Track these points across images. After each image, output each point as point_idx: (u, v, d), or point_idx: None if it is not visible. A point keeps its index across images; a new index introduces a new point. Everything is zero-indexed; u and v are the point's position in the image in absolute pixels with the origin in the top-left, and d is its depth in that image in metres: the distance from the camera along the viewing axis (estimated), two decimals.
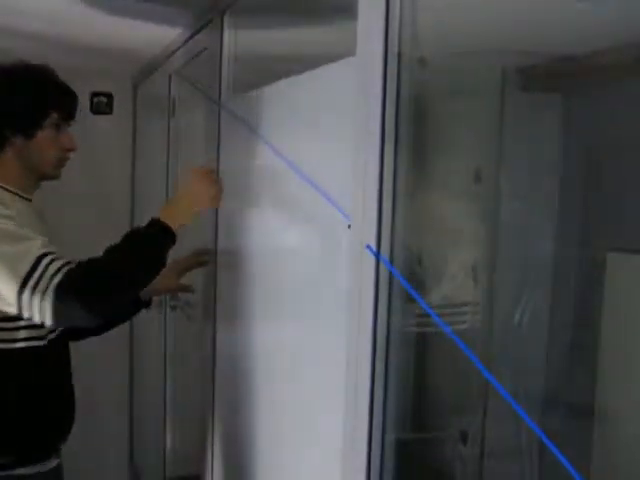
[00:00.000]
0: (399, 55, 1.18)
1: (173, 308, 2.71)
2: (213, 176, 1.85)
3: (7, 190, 1.72)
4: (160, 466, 2.98)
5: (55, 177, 1.81)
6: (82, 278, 1.52)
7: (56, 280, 1.48)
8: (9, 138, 1.72)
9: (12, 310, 1.53)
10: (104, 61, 3.13)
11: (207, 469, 2.20)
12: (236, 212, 1.97)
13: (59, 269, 1.50)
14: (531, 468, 2.14)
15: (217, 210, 2.09)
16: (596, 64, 2.10)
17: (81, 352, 2.03)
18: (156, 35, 2.59)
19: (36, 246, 1.54)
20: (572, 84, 2.31)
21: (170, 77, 2.78)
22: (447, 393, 2.53)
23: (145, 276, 1.65)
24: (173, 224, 1.67)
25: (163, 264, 1.66)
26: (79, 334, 1.89)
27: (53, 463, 1.79)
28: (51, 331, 1.72)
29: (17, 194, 1.74)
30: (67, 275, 1.49)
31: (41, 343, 1.71)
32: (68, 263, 1.52)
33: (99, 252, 1.57)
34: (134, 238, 1.66)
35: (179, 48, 2.57)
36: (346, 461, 1.24)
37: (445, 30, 1.83)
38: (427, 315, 1.11)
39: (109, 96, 3.50)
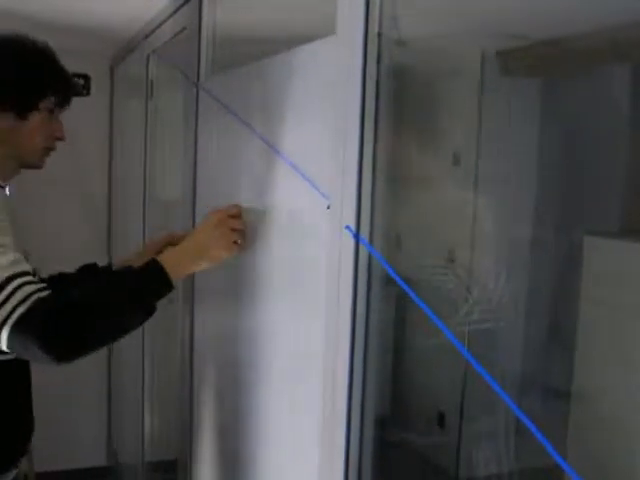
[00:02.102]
0: (379, 35, 1.17)
1: None
2: (233, 224, 1.56)
3: None
4: (138, 450, 2.97)
5: (38, 166, 1.65)
6: (49, 316, 1.31)
7: (19, 311, 1.29)
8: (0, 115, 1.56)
9: None
10: (81, 42, 3.09)
11: (186, 453, 2.20)
12: (214, 195, 1.96)
13: (26, 298, 1.30)
14: (507, 448, 2.17)
15: (194, 193, 2.08)
16: (576, 48, 2.11)
17: None
18: (134, 15, 2.56)
19: (6, 262, 1.35)
20: (551, 68, 2.32)
21: (148, 57, 2.75)
22: (426, 373, 2.55)
23: (128, 327, 1.44)
24: (174, 273, 1.46)
25: (151, 312, 1.44)
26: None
27: (10, 476, 1.66)
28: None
29: None
30: (32, 308, 1.30)
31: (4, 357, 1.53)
32: (39, 290, 1.33)
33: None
34: (125, 280, 1.47)
35: (157, 28, 2.54)
36: (324, 444, 1.25)
37: (425, 12, 1.82)
38: (406, 296, 1.11)
39: (86, 77, 3.45)
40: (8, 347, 1.31)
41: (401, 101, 1.26)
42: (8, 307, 1.29)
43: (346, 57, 1.16)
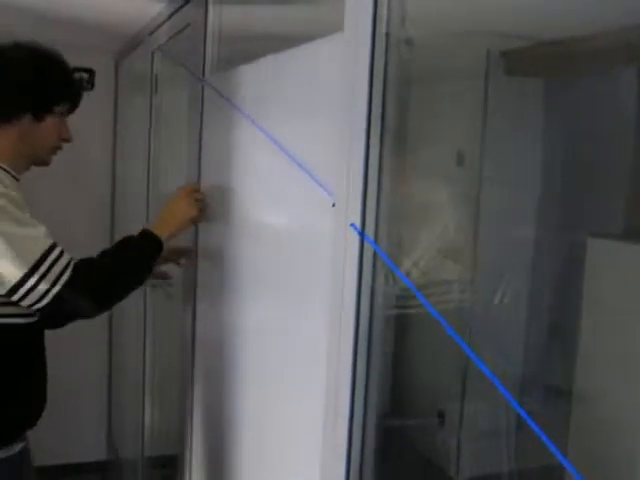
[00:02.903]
0: (387, 35, 1.17)
1: (153, 287, 2.70)
2: (195, 195, 1.99)
3: (3, 169, 1.70)
4: (139, 445, 2.98)
5: (47, 163, 1.85)
6: (88, 276, 1.64)
7: (65, 276, 1.58)
8: (19, 115, 1.72)
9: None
10: (86, 37, 3.09)
11: (186, 448, 2.21)
12: (219, 190, 1.97)
13: (67, 264, 1.60)
14: (508, 447, 2.17)
15: (200, 188, 2.08)
16: (580, 49, 2.11)
17: (60, 330, 2.01)
18: (139, 10, 2.56)
19: (43, 234, 1.63)
20: (556, 68, 2.32)
21: (153, 53, 2.75)
22: (428, 371, 2.55)
23: (138, 278, 1.83)
24: (161, 234, 1.85)
25: (151, 269, 1.87)
26: (59, 322, 1.84)
27: (16, 448, 1.73)
28: (31, 314, 1.69)
29: (10, 173, 1.72)
30: (75, 271, 1.60)
31: (21, 321, 1.68)
32: (72, 259, 1.63)
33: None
34: (128, 245, 1.83)
35: (162, 24, 2.54)
36: (326, 439, 1.25)
37: (432, 11, 1.82)
38: (410, 294, 1.12)
39: (91, 72, 3.45)
40: (53, 304, 1.57)
41: (407, 100, 1.27)
42: (55, 272, 1.57)
43: (353, 55, 1.16)
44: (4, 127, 1.72)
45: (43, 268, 1.56)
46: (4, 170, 1.70)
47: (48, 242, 1.60)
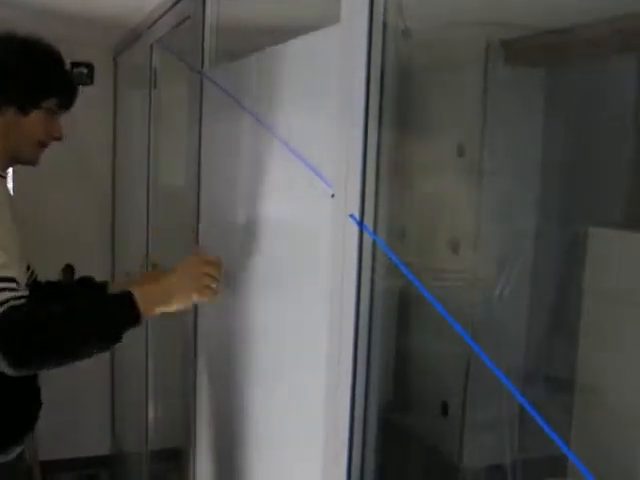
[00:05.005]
0: (384, 26, 1.17)
1: None
2: (206, 269, 1.59)
3: None
4: (142, 439, 2.98)
5: (32, 163, 1.72)
6: (15, 324, 1.36)
7: None
8: (3, 106, 1.62)
9: None
10: (84, 31, 3.08)
11: (189, 442, 2.21)
12: (219, 183, 1.96)
13: (3, 302, 1.36)
14: (511, 438, 2.17)
15: (199, 182, 2.08)
16: (580, 38, 2.10)
17: None
18: (137, 4, 2.55)
19: None
20: (555, 58, 2.31)
21: (152, 47, 2.75)
22: (429, 363, 2.55)
23: (89, 351, 1.48)
24: (145, 309, 1.50)
25: (115, 343, 1.49)
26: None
27: (15, 452, 1.70)
28: None
29: None
30: (3, 313, 1.35)
31: None
32: (15, 298, 1.39)
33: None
34: (97, 307, 1.52)
35: (161, 17, 2.53)
36: (328, 432, 1.25)
37: (430, 1, 1.82)
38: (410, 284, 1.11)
39: (90, 66, 3.45)
40: None
41: (405, 91, 1.26)
42: None
43: (351, 46, 1.16)
44: None
45: None
46: None
47: None
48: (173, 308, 1.57)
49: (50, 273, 2.09)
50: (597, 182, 2.16)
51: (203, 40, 2.02)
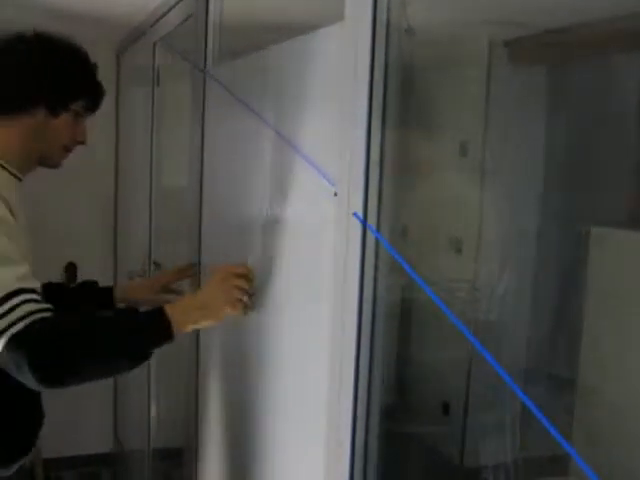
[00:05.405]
0: (387, 23, 1.17)
1: None
2: (238, 281, 1.53)
3: (6, 170, 1.58)
4: (145, 437, 2.99)
5: (55, 166, 1.70)
6: (44, 338, 1.32)
7: (15, 329, 1.30)
8: (34, 107, 1.58)
9: None
10: (87, 30, 3.07)
11: (192, 441, 2.21)
12: (221, 182, 1.96)
13: (26, 316, 1.31)
14: (513, 437, 2.17)
15: (201, 181, 2.08)
16: (582, 37, 2.10)
17: None
18: (140, 2, 2.55)
19: (15, 276, 1.36)
20: (559, 56, 2.31)
21: (154, 45, 2.75)
22: (431, 362, 2.55)
23: (120, 369, 1.48)
24: (177, 327, 1.46)
25: (145, 361, 1.46)
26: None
27: (15, 466, 1.66)
28: None
29: (15, 175, 1.60)
30: (30, 327, 1.31)
31: None
32: (41, 310, 1.35)
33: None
34: (128, 322, 1.48)
35: (163, 16, 2.53)
36: (330, 431, 1.25)
37: (434, 0, 1.82)
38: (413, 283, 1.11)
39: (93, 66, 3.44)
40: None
41: (408, 89, 1.26)
42: (7, 321, 1.30)
43: (354, 44, 1.16)
44: (16, 118, 1.58)
45: None
46: (2, 168, 1.56)
47: (15, 285, 1.34)
48: (205, 324, 1.54)
49: (52, 272, 2.08)
50: (600, 181, 2.16)
51: (206, 38, 2.02)
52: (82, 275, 3.35)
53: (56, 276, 3.24)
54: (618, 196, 2.15)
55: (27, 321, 1.30)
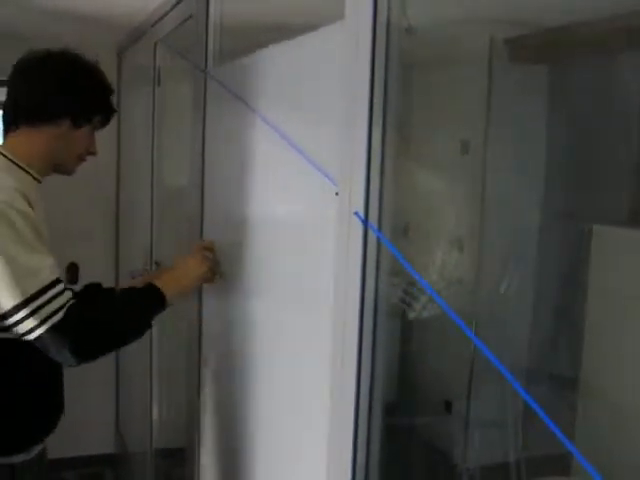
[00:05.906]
0: (388, 22, 1.17)
1: None
2: (206, 253, 1.92)
3: (30, 174, 1.70)
4: (147, 438, 2.99)
5: (69, 173, 1.85)
6: (81, 324, 1.55)
7: (57, 318, 1.50)
8: (61, 118, 1.71)
9: None
10: (88, 30, 3.08)
11: (194, 441, 2.21)
12: (222, 182, 1.96)
13: (62, 306, 1.52)
14: (515, 436, 2.17)
15: (202, 180, 2.08)
16: (583, 35, 2.10)
17: None
18: (141, 3, 2.55)
19: (48, 266, 1.55)
20: (559, 54, 2.31)
21: (155, 46, 2.75)
22: (433, 361, 2.55)
23: (132, 335, 1.73)
24: (167, 292, 1.74)
25: (150, 326, 1.75)
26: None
27: (35, 451, 1.74)
28: None
29: (37, 179, 1.73)
30: (67, 316, 1.52)
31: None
32: (71, 298, 1.55)
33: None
34: (130, 299, 1.75)
35: (164, 16, 2.53)
36: (333, 430, 1.25)
37: None
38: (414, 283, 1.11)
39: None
40: (38, 342, 1.50)
41: (409, 88, 1.26)
42: (47, 311, 1.49)
43: (355, 43, 1.16)
44: (42, 128, 1.71)
45: (36, 304, 1.48)
46: (25, 171, 1.69)
47: (51, 277, 1.53)
48: (187, 288, 1.90)
49: None
50: (601, 179, 2.15)
51: (207, 38, 2.02)
52: (84, 276, 3.35)
53: None
54: (619, 194, 2.14)
55: (65, 309, 1.51)
